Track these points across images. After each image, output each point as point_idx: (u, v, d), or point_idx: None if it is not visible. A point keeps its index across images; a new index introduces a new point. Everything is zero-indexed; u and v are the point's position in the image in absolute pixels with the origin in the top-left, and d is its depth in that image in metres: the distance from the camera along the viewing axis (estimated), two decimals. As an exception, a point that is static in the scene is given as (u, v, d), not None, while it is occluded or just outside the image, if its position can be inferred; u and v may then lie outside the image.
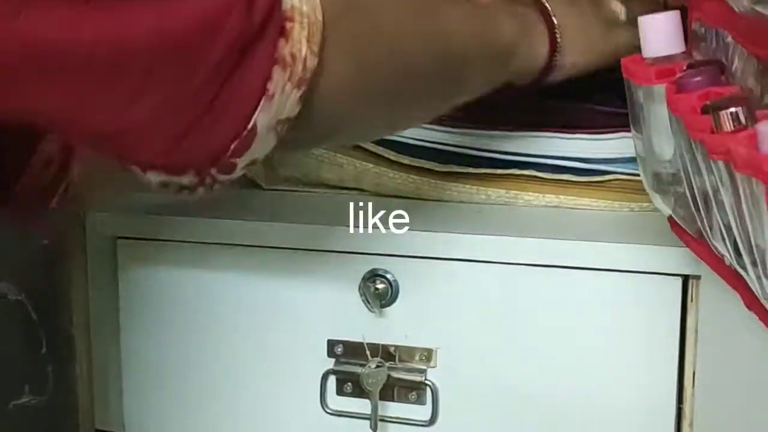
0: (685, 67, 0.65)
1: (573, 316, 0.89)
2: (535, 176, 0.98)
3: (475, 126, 0.99)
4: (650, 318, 0.88)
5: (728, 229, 0.58)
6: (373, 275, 0.92)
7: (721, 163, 0.52)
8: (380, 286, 0.92)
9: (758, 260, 0.49)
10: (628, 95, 0.74)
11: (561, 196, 0.98)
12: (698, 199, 0.64)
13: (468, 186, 1.00)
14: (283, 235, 0.94)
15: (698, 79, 0.60)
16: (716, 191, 0.58)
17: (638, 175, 0.93)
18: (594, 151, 0.97)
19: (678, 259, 0.86)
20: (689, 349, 0.88)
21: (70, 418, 1.01)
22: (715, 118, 0.53)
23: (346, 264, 0.92)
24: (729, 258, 0.62)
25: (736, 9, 0.58)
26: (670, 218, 0.77)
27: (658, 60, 0.71)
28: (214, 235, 0.95)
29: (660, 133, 0.72)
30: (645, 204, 0.95)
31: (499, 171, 0.99)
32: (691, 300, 0.87)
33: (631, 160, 0.96)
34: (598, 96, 0.97)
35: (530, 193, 0.98)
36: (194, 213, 0.96)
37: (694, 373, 0.88)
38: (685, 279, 0.87)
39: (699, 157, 0.59)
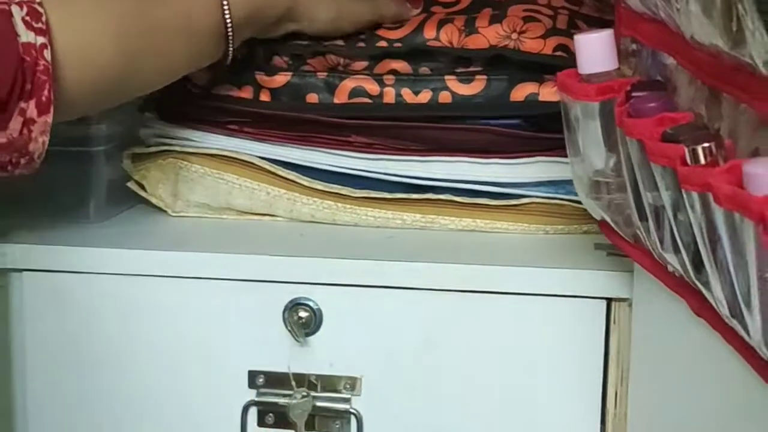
0: (629, 87, 0.65)
1: (497, 341, 0.89)
2: (452, 200, 0.98)
3: (389, 151, 0.99)
4: (574, 341, 0.88)
5: (688, 246, 0.58)
6: (296, 304, 0.90)
7: (695, 194, 0.53)
8: (303, 314, 0.90)
9: (739, 290, 0.50)
10: (563, 107, 0.75)
11: (477, 220, 0.98)
12: (647, 211, 0.64)
13: (384, 211, 0.99)
14: (199, 265, 0.91)
15: (653, 105, 0.61)
16: (677, 210, 0.58)
17: (554, 198, 0.96)
18: (509, 176, 0.97)
19: (601, 281, 0.87)
20: (612, 371, 0.88)
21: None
22: (690, 152, 0.53)
23: (267, 293, 0.91)
24: (680, 270, 0.63)
25: (687, 36, 0.58)
26: (601, 222, 0.78)
27: (592, 76, 0.71)
28: (125, 266, 0.92)
29: (593, 145, 0.73)
30: (560, 227, 0.97)
31: (414, 196, 0.98)
32: (614, 322, 0.88)
33: (546, 184, 0.97)
34: (503, 120, 0.96)
35: (447, 218, 0.98)
36: (101, 243, 0.93)
37: (616, 395, 0.88)
38: (609, 301, 0.87)
39: (657, 177, 0.59)
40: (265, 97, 0.99)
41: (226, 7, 0.89)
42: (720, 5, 0.52)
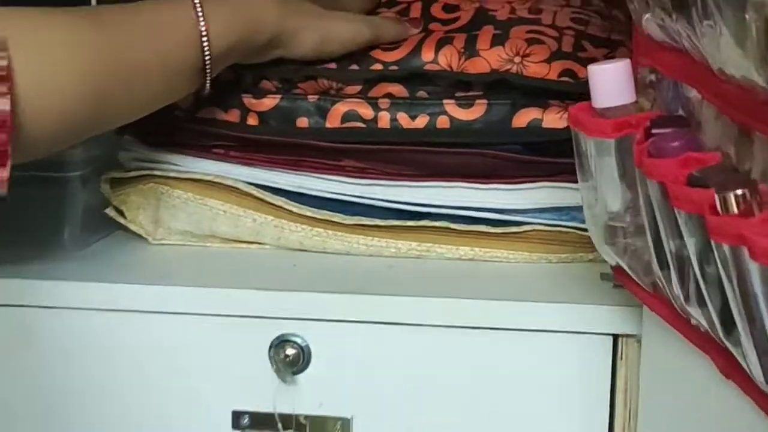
0: (649, 123, 0.60)
1: (497, 380, 0.85)
2: (448, 228, 0.93)
3: (383, 176, 0.94)
4: (578, 379, 0.84)
5: (716, 302, 0.53)
6: (282, 341, 0.85)
7: (726, 246, 0.47)
8: (290, 351, 0.85)
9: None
10: (575, 144, 0.70)
11: (476, 248, 0.93)
12: (669, 260, 0.59)
13: (377, 239, 0.94)
14: (180, 299, 0.87)
15: (677, 144, 0.56)
16: (704, 262, 0.53)
17: (557, 225, 0.91)
18: (510, 202, 0.93)
19: (607, 317, 0.82)
20: (619, 410, 0.84)
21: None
22: (721, 199, 0.48)
23: (252, 329, 0.86)
24: (706, 326, 0.58)
25: (714, 68, 0.53)
26: (616, 268, 0.73)
27: (608, 110, 0.66)
28: (102, 301, 0.87)
29: (608, 184, 0.68)
30: (564, 255, 0.92)
31: (409, 223, 0.93)
32: (621, 359, 0.83)
33: (549, 210, 0.92)
34: (502, 146, 0.91)
35: (443, 246, 0.93)
36: (77, 276, 0.88)
37: (624, 434, 0.83)
38: (615, 338, 0.83)
39: (682, 224, 0.54)
40: (252, 120, 0.94)
41: (205, 41, 0.84)
42: (756, 35, 0.47)
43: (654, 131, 0.60)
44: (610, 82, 0.65)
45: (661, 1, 0.58)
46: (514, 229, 0.92)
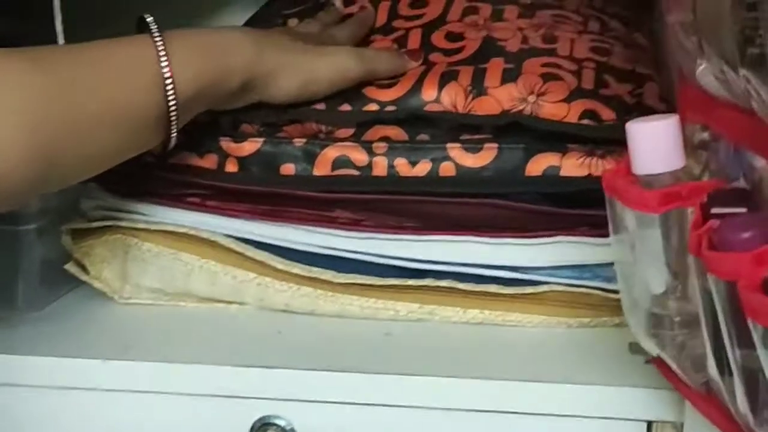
0: (706, 199, 0.49)
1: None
2: (455, 287, 0.83)
3: (380, 229, 0.83)
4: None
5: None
6: (264, 423, 0.76)
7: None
8: (274, 436, 0.75)
9: None
10: (611, 213, 0.59)
11: (486, 311, 0.83)
12: (735, 371, 0.48)
13: (373, 300, 0.84)
14: (148, 377, 0.77)
15: (747, 235, 0.45)
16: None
17: (578, 285, 0.81)
18: (524, 258, 0.82)
19: (639, 400, 0.73)
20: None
21: None
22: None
23: (230, 410, 0.76)
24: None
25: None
26: (657, 360, 0.62)
27: (652, 178, 0.55)
28: (59, 377, 0.78)
29: (651, 262, 0.57)
30: (585, 320, 0.83)
31: (410, 282, 0.83)
32: (656, 447, 0.73)
33: (568, 268, 0.83)
34: (515, 196, 0.81)
35: (449, 308, 0.83)
36: (28, 346, 0.79)
37: None
38: (649, 424, 0.74)
39: (756, 336, 0.43)
40: (231, 167, 0.83)
41: (169, 85, 0.73)
42: None
43: (714, 210, 0.49)
44: (655, 144, 0.54)
45: (724, 52, 0.47)
46: (529, 289, 0.82)
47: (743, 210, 0.49)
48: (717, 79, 0.51)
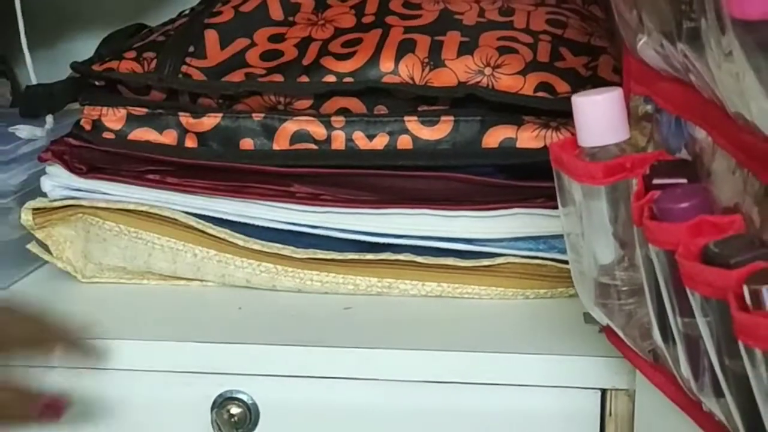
0: (648, 170, 0.50)
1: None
2: (413, 261, 0.83)
3: (338, 203, 0.83)
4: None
5: (740, 402, 0.43)
6: (226, 398, 0.76)
7: (758, 351, 0.37)
8: (235, 411, 0.76)
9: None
10: (558, 185, 0.60)
11: (444, 284, 0.83)
12: (678, 338, 0.49)
13: (333, 275, 0.84)
14: (109, 354, 0.76)
15: (686, 205, 0.46)
16: (725, 355, 0.43)
17: (534, 257, 0.81)
18: (481, 231, 0.83)
19: (594, 369, 0.74)
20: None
21: None
22: (752, 294, 0.38)
23: (192, 386, 0.76)
24: (721, 417, 0.48)
25: (729, 111, 0.43)
26: (607, 329, 0.63)
27: (597, 150, 0.56)
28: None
29: (598, 234, 0.58)
30: (542, 290, 0.84)
31: (369, 256, 0.84)
32: (610, 414, 0.74)
33: (525, 240, 0.84)
34: (471, 168, 0.82)
35: (407, 281, 0.84)
36: None
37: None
38: (603, 392, 0.74)
39: (695, 305, 0.44)
40: (191, 142, 0.83)
41: None
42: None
43: (655, 181, 0.49)
44: (600, 117, 0.55)
45: (662, 26, 0.48)
46: (485, 261, 0.83)
47: (684, 181, 0.50)
48: (657, 53, 0.51)
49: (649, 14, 0.50)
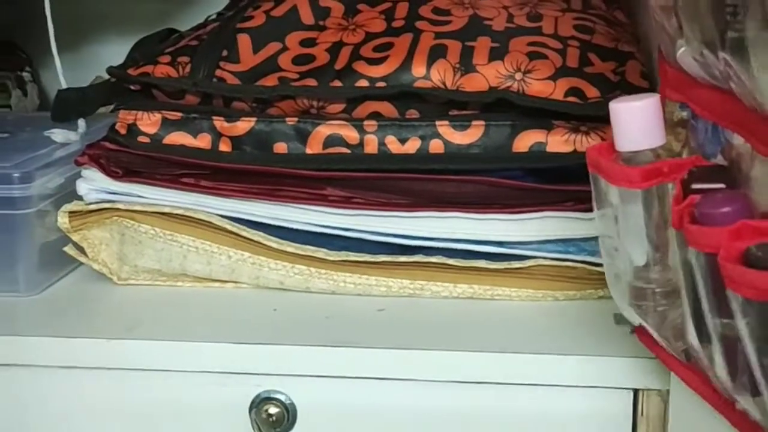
0: (687, 175, 0.51)
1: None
2: (445, 263, 0.84)
3: (371, 206, 0.84)
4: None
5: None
6: (264, 398, 0.77)
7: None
8: (273, 411, 0.77)
9: None
10: (595, 188, 0.61)
11: (475, 286, 0.84)
12: (714, 338, 0.50)
13: (366, 277, 0.85)
14: (146, 355, 0.78)
15: (727, 210, 0.47)
16: (764, 356, 0.44)
17: (564, 259, 0.82)
18: (511, 233, 0.84)
19: (625, 369, 0.74)
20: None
21: None
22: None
23: (230, 387, 0.77)
24: (759, 417, 0.49)
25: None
26: (638, 330, 0.64)
27: (634, 155, 0.57)
28: (60, 357, 0.79)
29: (633, 236, 0.59)
30: (572, 293, 0.84)
31: (401, 258, 0.84)
32: (642, 414, 0.75)
33: (555, 242, 0.84)
34: (502, 172, 0.83)
35: (439, 283, 0.85)
36: (30, 327, 0.81)
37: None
38: (635, 392, 0.75)
39: (735, 306, 0.45)
40: (225, 147, 0.85)
41: None
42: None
43: (694, 186, 0.51)
44: (637, 123, 0.56)
45: (704, 35, 0.49)
46: (516, 264, 0.84)
47: (721, 186, 0.51)
48: (696, 61, 0.53)
49: (690, 24, 0.51)
